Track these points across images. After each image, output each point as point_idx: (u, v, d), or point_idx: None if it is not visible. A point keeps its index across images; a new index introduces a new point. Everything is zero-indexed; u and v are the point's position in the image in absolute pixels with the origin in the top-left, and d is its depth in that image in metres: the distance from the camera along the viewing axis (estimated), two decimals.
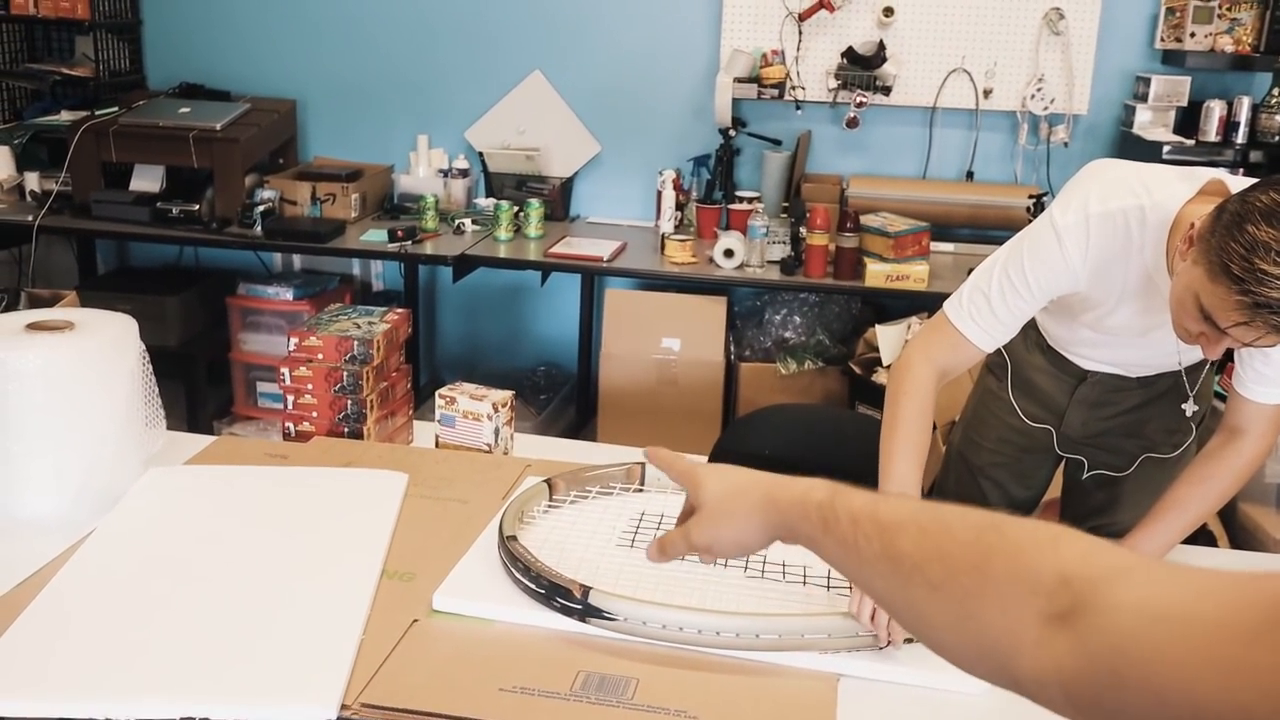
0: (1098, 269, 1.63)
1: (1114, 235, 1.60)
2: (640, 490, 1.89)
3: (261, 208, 3.72)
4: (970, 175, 3.93)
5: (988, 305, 1.68)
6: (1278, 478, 2.55)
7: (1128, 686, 0.59)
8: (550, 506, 1.79)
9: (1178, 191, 1.56)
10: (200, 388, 3.90)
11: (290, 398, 2.13)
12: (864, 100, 3.75)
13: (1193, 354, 1.70)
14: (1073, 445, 2.01)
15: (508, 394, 2.14)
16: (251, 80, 4.23)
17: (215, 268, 4.24)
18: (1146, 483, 1.94)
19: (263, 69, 4.25)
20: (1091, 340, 1.85)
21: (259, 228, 3.69)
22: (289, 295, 3.91)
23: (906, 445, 1.64)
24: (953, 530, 0.75)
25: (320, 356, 2.12)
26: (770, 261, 3.58)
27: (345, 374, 2.11)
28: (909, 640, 1.43)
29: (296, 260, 4.29)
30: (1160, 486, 1.80)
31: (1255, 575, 0.58)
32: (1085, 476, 2.03)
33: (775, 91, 3.79)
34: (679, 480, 1.16)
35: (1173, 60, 3.72)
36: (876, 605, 0.80)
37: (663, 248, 3.68)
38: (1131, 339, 1.78)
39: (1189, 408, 1.88)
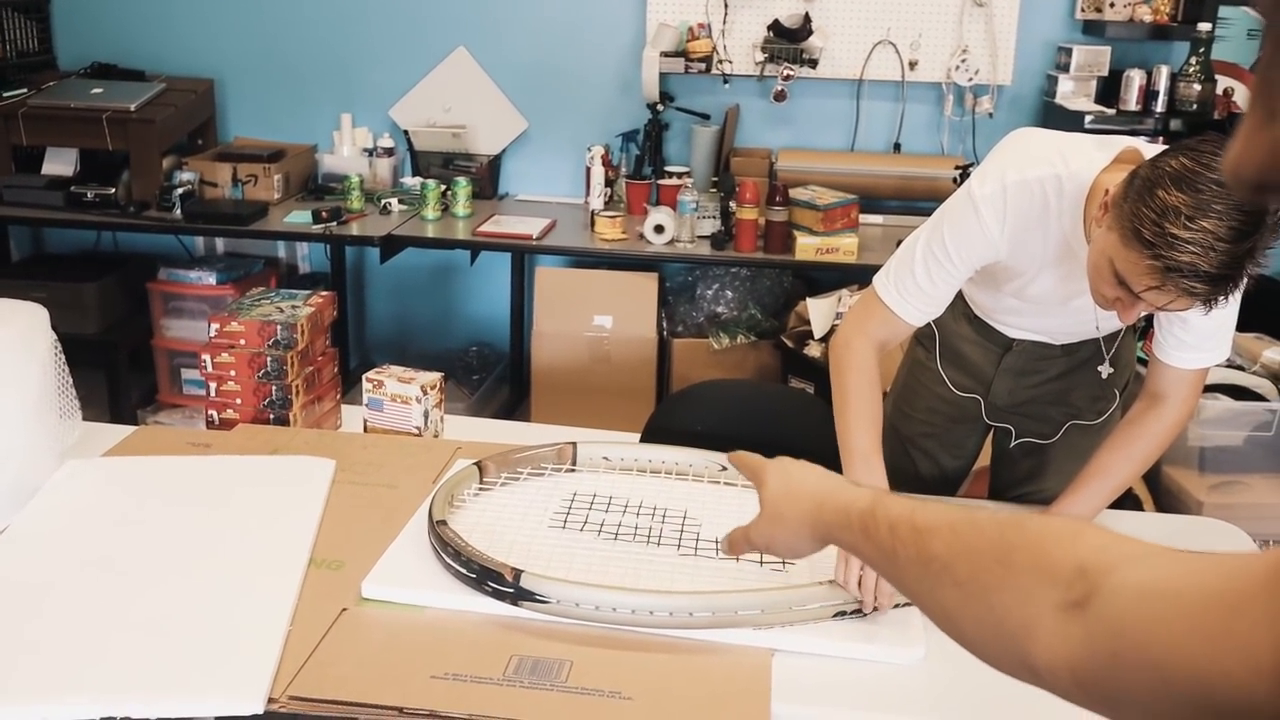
0: (1016, 238, 1.64)
1: (1031, 204, 1.61)
2: (572, 470, 1.88)
3: (181, 190, 3.62)
4: (897, 147, 3.95)
5: (914, 281, 1.69)
6: (1200, 441, 2.60)
7: (1128, 664, 0.61)
8: (481, 489, 1.77)
9: (1094, 159, 1.57)
10: (122, 376, 3.80)
11: (213, 385, 2.09)
12: (791, 73, 3.75)
13: (1111, 321, 1.72)
14: (1000, 414, 2.03)
15: (437, 376, 2.11)
16: (167, 59, 4.12)
17: (134, 253, 4.13)
18: (1072, 450, 1.97)
19: (178, 48, 4.13)
20: (1016, 308, 1.87)
21: (179, 211, 3.59)
22: (212, 280, 3.82)
23: (860, 418, 1.69)
24: (980, 527, 0.78)
25: (243, 342, 2.08)
26: (701, 236, 3.57)
27: (269, 359, 2.06)
28: (899, 605, 1.45)
29: (219, 244, 4.19)
30: (1086, 453, 1.82)
31: (1244, 554, 0.61)
32: (1013, 445, 2.06)
33: (702, 65, 3.77)
34: (749, 479, 1.21)
35: (1093, 30, 3.77)
36: (917, 606, 0.84)
37: (593, 225, 3.65)
38: (1053, 307, 1.79)
39: (1104, 370, 1.90)
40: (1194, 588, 0.60)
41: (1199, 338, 1.65)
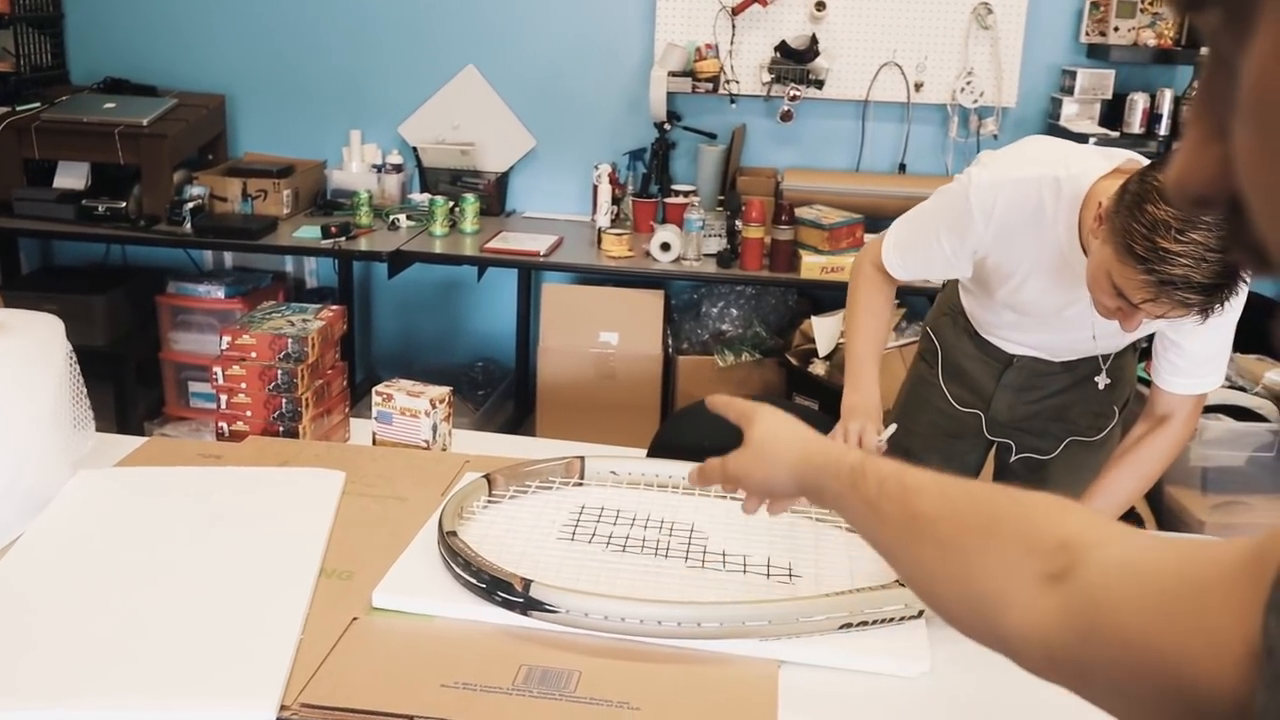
0: (1005, 233, 1.67)
1: (1024, 203, 1.63)
2: (580, 484, 1.89)
3: (191, 205, 3.65)
4: (903, 168, 3.98)
5: (912, 246, 1.80)
6: (1202, 461, 2.61)
7: (1100, 640, 0.61)
8: (489, 502, 1.78)
9: (1095, 166, 1.59)
10: (130, 388, 3.82)
11: (223, 397, 2.10)
12: (797, 94, 3.78)
13: (1110, 339, 1.74)
14: (1001, 429, 2.05)
15: (445, 390, 2.13)
16: (178, 75, 4.15)
17: (143, 266, 4.16)
18: (1072, 465, 1.99)
19: (190, 63, 4.17)
20: (1014, 322, 1.90)
21: (188, 225, 3.62)
22: (220, 293, 3.85)
23: (862, 329, 1.85)
24: (971, 493, 0.79)
25: (254, 355, 2.09)
26: (706, 255, 3.60)
27: (280, 372, 2.08)
28: (899, 617, 1.45)
29: (228, 258, 4.23)
30: (1085, 469, 1.84)
31: (1222, 541, 0.61)
32: (1013, 460, 2.08)
33: (709, 85, 3.81)
34: (737, 420, 1.24)
35: (1097, 54, 3.80)
36: (891, 566, 0.86)
37: (599, 242, 3.68)
38: (1047, 319, 1.82)
39: (1101, 380, 1.92)
40: (1170, 570, 0.60)
41: (1193, 364, 1.67)
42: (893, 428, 1.73)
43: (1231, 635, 0.53)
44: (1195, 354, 1.65)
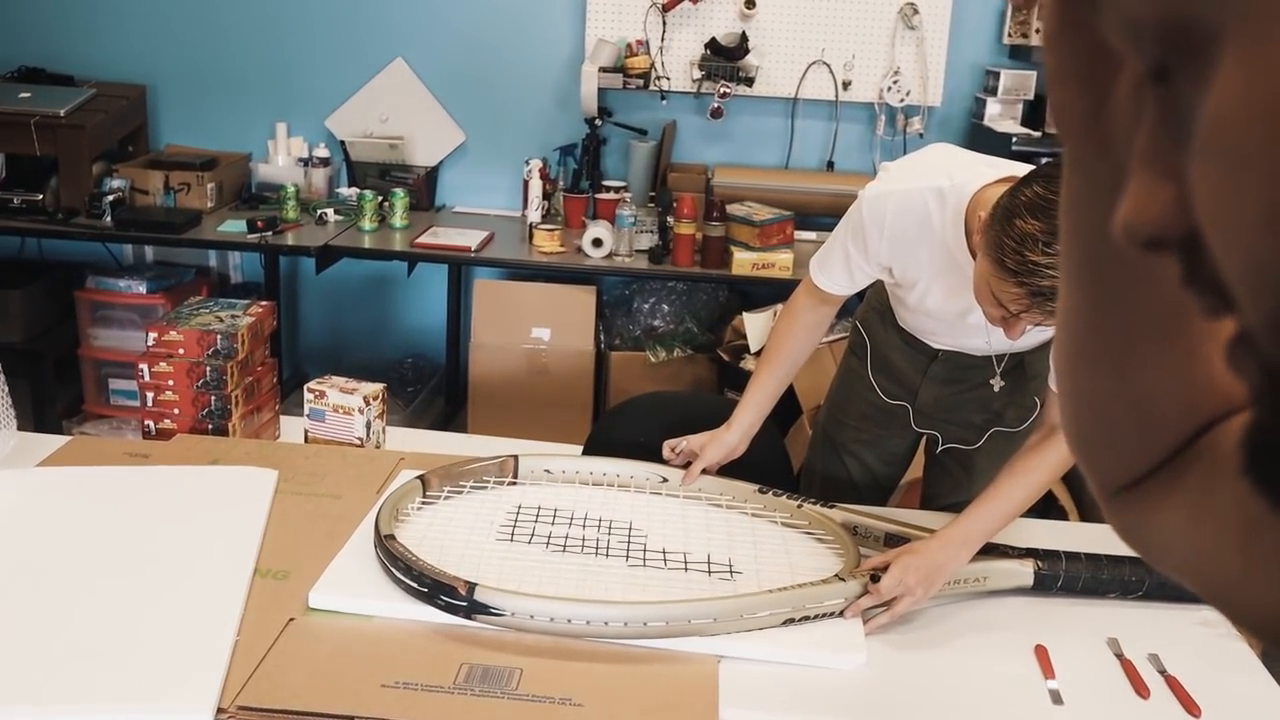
0: (899, 244, 1.73)
1: (911, 212, 1.69)
2: (514, 483, 1.89)
3: (111, 197, 3.56)
4: (831, 165, 4.02)
5: (830, 259, 1.86)
6: None
7: None
8: (424, 503, 1.77)
9: (980, 175, 1.64)
10: (47, 386, 3.72)
11: (150, 394, 2.06)
12: (727, 91, 3.80)
13: (1002, 343, 1.79)
14: (927, 421, 2.10)
15: (379, 387, 2.11)
16: (97, 64, 4.05)
17: (61, 260, 4.04)
18: (996, 455, 2.04)
19: (109, 52, 4.07)
20: (930, 327, 1.96)
21: (109, 218, 3.54)
22: (142, 288, 3.76)
23: (766, 363, 1.95)
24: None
25: (181, 351, 2.06)
26: (638, 250, 3.61)
27: (208, 369, 2.05)
28: (831, 616, 1.47)
29: (149, 252, 4.13)
30: (1009, 458, 1.89)
31: None
32: (939, 450, 2.13)
33: (640, 81, 3.81)
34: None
35: (1020, 55, 3.87)
36: None
37: (531, 237, 3.66)
38: (952, 324, 1.87)
39: (995, 383, 1.98)
40: None
41: None
42: (700, 476, 1.87)
43: None
44: None
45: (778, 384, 1.96)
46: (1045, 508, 1.90)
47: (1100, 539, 1.95)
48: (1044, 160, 1.72)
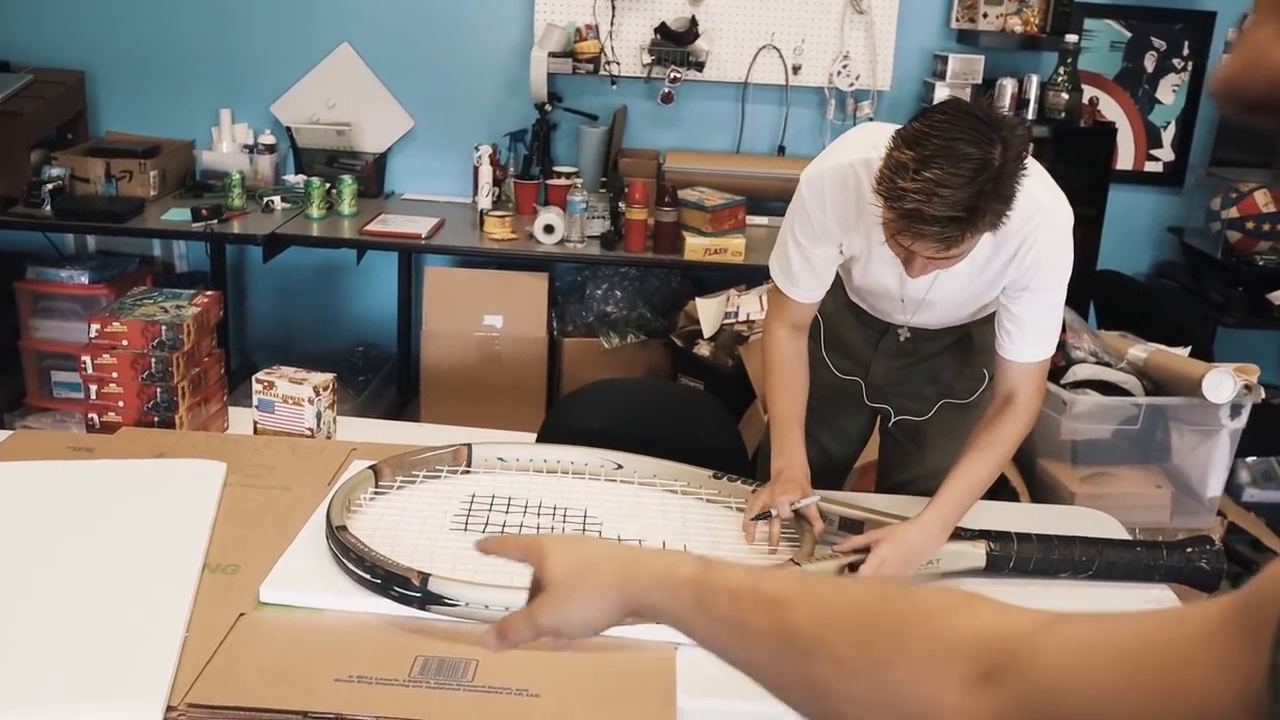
0: (841, 219, 1.78)
1: (844, 186, 1.75)
2: (468, 472, 1.88)
3: (50, 186, 3.49)
4: (782, 150, 4.02)
5: (791, 266, 1.88)
6: (1071, 435, 2.71)
7: None
8: (377, 493, 1.76)
9: None
10: None
11: (93, 387, 2.02)
12: (678, 76, 3.79)
13: (911, 288, 1.85)
14: (879, 394, 2.13)
15: (329, 376, 2.09)
16: (34, 50, 3.95)
17: None
18: (946, 427, 2.08)
19: (46, 37, 3.97)
20: (877, 303, 1.99)
21: (48, 207, 3.46)
22: (84, 279, 3.69)
23: (783, 391, 1.91)
24: (854, 597, 0.72)
25: (125, 343, 2.02)
26: (590, 236, 3.59)
27: (153, 360, 2.01)
28: None
29: (91, 241, 4.04)
30: (958, 430, 1.93)
31: (1180, 607, 0.58)
32: (891, 424, 2.14)
33: (590, 66, 3.79)
34: (521, 558, 1.02)
35: (967, 39, 3.90)
36: (763, 686, 0.77)
37: (481, 224, 3.63)
38: (893, 295, 1.91)
39: (902, 334, 2.03)
40: (1129, 641, 0.57)
41: (1021, 328, 1.79)
42: (816, 496, 1.77)
43: (1220, 689, 0.51)
44: (1024, 318, 1.78)
45: (801, 398, 1.94)
46: (997, 489, 1.92)
47: (1051, 520, 1.97)
48: None
